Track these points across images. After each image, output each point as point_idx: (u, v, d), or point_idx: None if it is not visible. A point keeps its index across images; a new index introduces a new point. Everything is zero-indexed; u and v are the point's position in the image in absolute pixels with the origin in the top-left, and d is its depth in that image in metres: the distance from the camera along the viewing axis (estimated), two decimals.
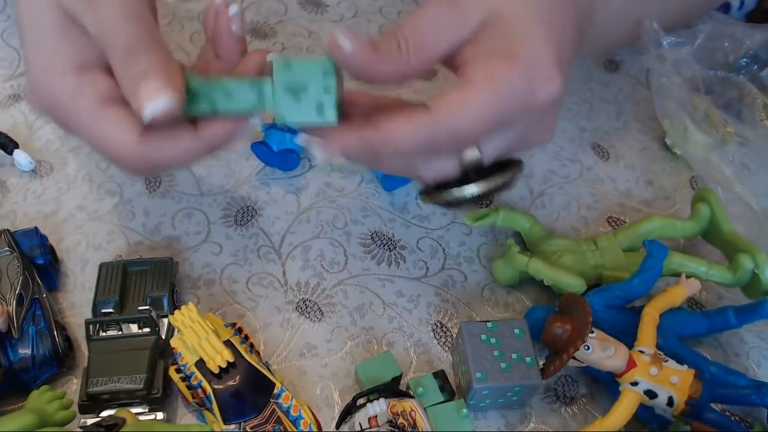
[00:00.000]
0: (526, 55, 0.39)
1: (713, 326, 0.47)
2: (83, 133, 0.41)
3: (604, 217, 0.57)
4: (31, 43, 0.42)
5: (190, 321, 0.43)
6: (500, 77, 0.38)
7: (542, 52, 0.40)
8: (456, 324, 0.50)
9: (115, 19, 0.39)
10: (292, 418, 0.42)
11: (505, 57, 0.39)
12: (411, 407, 0.42)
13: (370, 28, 0.70)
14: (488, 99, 0.38)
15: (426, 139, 0.38)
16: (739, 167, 0.51)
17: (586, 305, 0.43)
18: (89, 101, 0.40)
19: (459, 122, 0.38)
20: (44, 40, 0.41)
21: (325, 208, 0.56)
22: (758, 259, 0.47)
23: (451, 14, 0.40)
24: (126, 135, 0.39)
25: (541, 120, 0.42)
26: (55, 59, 0.40)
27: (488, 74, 0.38)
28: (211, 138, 0.40)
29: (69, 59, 0.40)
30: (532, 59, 0.39)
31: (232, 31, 0.42)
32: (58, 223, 0.53)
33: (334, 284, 0.51)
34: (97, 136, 0.40)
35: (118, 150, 0.40)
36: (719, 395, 0.44)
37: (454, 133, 0.38)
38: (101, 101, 0.40)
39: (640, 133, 0.63)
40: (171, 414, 0.45)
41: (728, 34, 0.56)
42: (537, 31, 0.40)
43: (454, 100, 0.38)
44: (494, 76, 0.38)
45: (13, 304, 0.44)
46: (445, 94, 0.38)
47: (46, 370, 0.44)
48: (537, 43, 0.40)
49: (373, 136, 0.39)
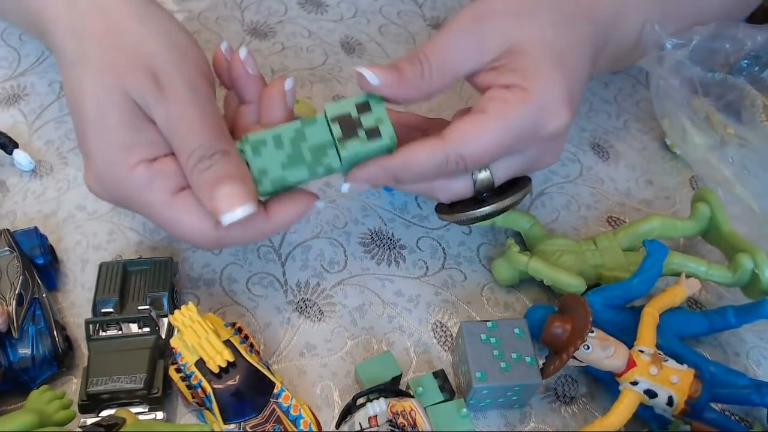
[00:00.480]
0: (538, 91, 0.42)
1: (713, 326, 0.47)
2: (158, 221, 0.42)
3: (604, 217, 0.57)
4: (97, 134, 0.41)
5: (190, 321, 0.43)
6: (511, 112, 0.41)
7: (553, 88, 0.43)
8: (456, 323, 0.50)
9: (188, 116, 0.40)
10: (292, 418, 0.42)
11: (518, 92, 0.42)
12: (411, 407, 0.42)
13: (369, 28, 0.70)
14: (497, 131, 0.41)
15: (438, 164, 0.42)
16: (739, 169, 0.51)
17: (586, 305, 0.43)
18: (162, 192, 0.41)
19: (468, 150, 0.41)
20: (113, 132, 0.41)
21: (325, 208, 0.56)
22: (758, 259, 0.47)
23: (475, 42, 0.43)
24: (203, 223, 0.41)
25: (548, 147, 0.46)
26: (125, 154, 0.41)
27: (500, 108, 0.42)
28: (282, 222, 0.42)
29: (140, 154, 0.41)
30: (543, 95, 0.42)
31: (249, 74, 0.44)
32: (58, 222, 0.53)
33: (334, 284, 0.51)
34: (173, 224, 0.42)
35: (195, 236, 0.42)
36: (719, 395, 0.44)
37: (464, 159, 0.42)
38: (174, 191, 0.41)
39: (640, 132, 0.64)
40: (171, 414, 0.45)
41: (729, 36, 0.56)
42: (551, 67, 0.43)
43: (465, 129, 0.42)
44: (505, 111, 0.41)
45: (12, 303, 0.44)
46: (459, 123, 0.42)
47: (46, 369, 0.44)
48: (549, 80, 0.43)
49: (392, 163, 0.42)
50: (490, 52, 0.43)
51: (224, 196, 0.38)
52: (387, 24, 0.70)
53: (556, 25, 0.45)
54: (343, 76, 0.65)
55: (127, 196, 0.42)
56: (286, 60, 0.66)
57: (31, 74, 0.62)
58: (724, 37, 0.56)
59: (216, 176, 0.39)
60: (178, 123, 0.40)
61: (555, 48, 0.44)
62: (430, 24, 0.71)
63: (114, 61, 0.41)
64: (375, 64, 0.42)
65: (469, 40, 0.43)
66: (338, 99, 0.42)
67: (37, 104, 0.60)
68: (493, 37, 0.43)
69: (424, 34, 0.70)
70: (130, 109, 0.41)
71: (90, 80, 0.41)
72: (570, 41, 0.45)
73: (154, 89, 0.40)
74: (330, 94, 0.63)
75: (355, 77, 0.41)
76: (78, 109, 0.42)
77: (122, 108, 0.41)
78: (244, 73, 0.44)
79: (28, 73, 0.62)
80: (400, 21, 0.71)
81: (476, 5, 0.45)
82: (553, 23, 0.45)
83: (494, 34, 0.43)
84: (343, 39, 0.69)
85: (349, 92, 0.64)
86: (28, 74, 0.62)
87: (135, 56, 0.41)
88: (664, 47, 0.53)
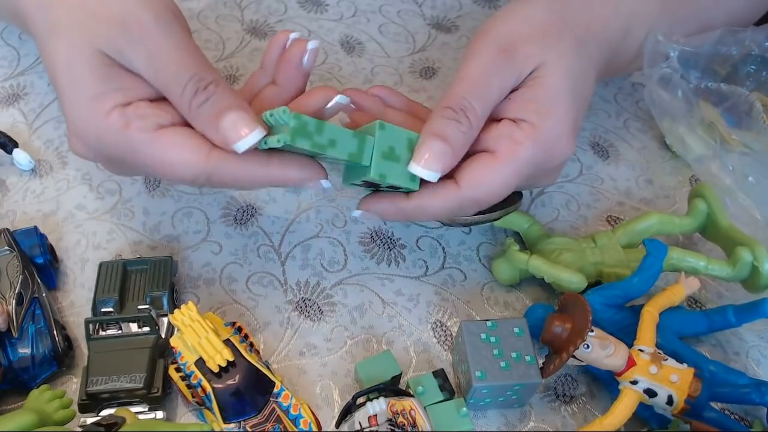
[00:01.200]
0: (548, 129, 0.43)
1: (713, 325, 0.47)
2: (143, 163, 0.40)
3: (604, 216, 0.57)
4: (69, 92, 0.41)
5: (189, 320, 0.43)
6: (522, 153, 0.42)
7: (564, 122, 0.44)
8: (456, 323, 0.50)
9: (169, 52, 0.40)
10: (292, 417, 0.42)
11: (528, 129, 0.42)
12: (411, 406, 0.42)
13: (369, 27, 0.70)
14: (510, 173, 0.42)
15: (453, 209, 0.43)
16: (741, 177, 0.51)
17: (586, 304, 0.43)
18: (141, 132, 0.39)
19: (483, 195, 0.43)
20: (82, 85, 0.40)
21: (324, 207, 0.56)
22: (757, 252, 0.47)
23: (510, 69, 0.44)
24: (191, 155, 0.39)
25: (550, 174, 0.47)
26: (97, 102, 0.40)
27: (511, 150, 0.42)
28: (279, 176, 0.41)
29: (113, 100, 0.40)
30: (552, 132, 0.43)
31: (301, 64, 0.43)
32: (58, 222, 0.53)
33: (334, 283, 0.51)
34: (158, 163, 0.40)
35: (185, 171, 0.40)
36: (719, 394, 0.44)
37: (478, 203, 0.43)
38: (153, 129, 0.40)
39: (640, 132, 0.64)
40: (171, 413, 0.45)
41: (736, 41, 0.56)
42: (565, 100, 0.44)
43: (479, 176, 0.42)
44: (517, 152, 0.42)
45: (12, 303, 0.44)
46: (472, 168, 0.42)
47: (46, 369, 0.44)
48: (562, 114, 0.44)
49: (407, 206, 0.43)
50: (522, 76, 0.44)
51: (231, 125, 0.38)
52: (387, 23, 0.70)
53: (573, 50, 0.46)
54: (343, 75, 0.65)
55: (108, 146, 0.41)
56: None
57: (31, 73, 0.62)
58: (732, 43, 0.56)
59: (217, 107, 0.38)
60: (159, 60, 0.39)
61: (572, 75, 0.45)
62: (429, 23, 0.71)
63: (79, 20, 0.41)
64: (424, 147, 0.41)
65: (507, 75, 0.44)
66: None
67: (37, 104, 0.60)
68: (526, 64, 0.44)
69: (423, 33, 0.70)
70: (98, 61, 0.40)
71: (59, 44, 0.41)
72: (582, 65, 0.46)
73: (124, 34, 0.40)
74: None
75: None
76: (53, 76, 0.42)
77: (90, 61, 0.40)
78: (296, 62, 0.42)
79: (28, 72, 0.62)
80: (399, 20, 0.71)
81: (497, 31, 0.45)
82: (571, 47, 0.46)
83: (526, 61, 0.44)
84: (343, 38, 0.68)
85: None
86: (28, 73, 0.62)
87: (99, 9, 0.41)
88: (668, 56, 0.53)
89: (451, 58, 0.68)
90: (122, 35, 0.40)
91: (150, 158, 0.40)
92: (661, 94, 0.53)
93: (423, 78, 0.66)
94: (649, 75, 0.54)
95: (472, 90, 0.43)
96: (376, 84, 0.64)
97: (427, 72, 0.66)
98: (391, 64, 0.67)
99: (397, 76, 0.66)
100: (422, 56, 0.68)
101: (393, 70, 0.66)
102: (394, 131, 0.41)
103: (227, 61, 0.65)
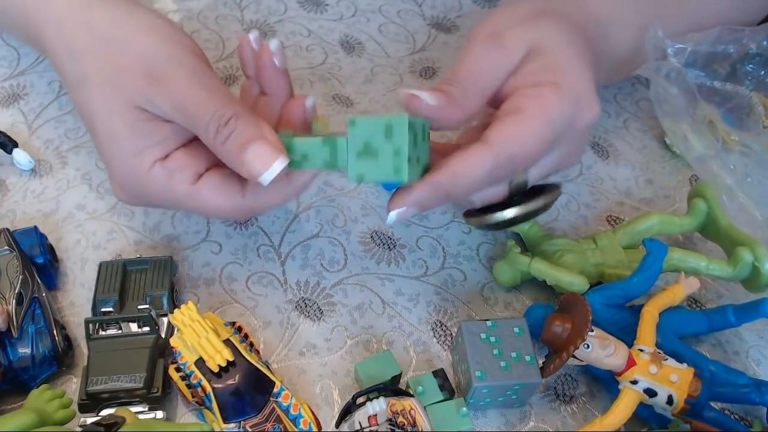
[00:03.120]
0: (570, 84, 0.42)
1: (712, 325, 0.47)
2: (188, 208, 0.44)
3: (604, 216, 0.57)
4: (109, 148, 0.43)
5: (189, 320, 0.43)
6: (550, 106, 0.41)
7: (583, 80, 0.43)
8: (455, 323, 0.50)
9: (193, 92, 0.41)
10: (292, 417, 0.42)
11: (552, 87, 0.42)
12: (411, 406, 0.42)
13: (369, 27, 0.70)
14: (542, 126, 0.41)
15: (490, 170, 0.41)
16: (741, 176, 0.51)
17: (586, 304, 0.43)
18: (183, 185, 0.43)
19: (518, 150, 0.41)
20: (122, 143, 0.43)
21: (324, 207, 0.56)
22: (758, 252, 0.47)
23: (498, 53, 0.44)
24: (230, 199, 0.43)
25: (578, 143, 0.46)
26: (138, 159, 0.43)
27: (539, 103, 0.41)
28: (302, 183, 0.43)
29: (152, 156, 0.43)
30: (576, 88, 0.42)
31: (276, 66, 0.44)
32: (58, 222, 0.53)
33: (334, 283, 0.51)
34: (203, 210, 0.44)
35: (227, 213, 0.44)
36: (719, 394, 0.44)
37: (514, 160, 0.41)
38: (193, 181, 0.43)
39: (640, 131, 0.64)
40: (171, 413, 0.45)
41: (735, 40, 0.56)
42: (575, 60, 0.44)
43: (511, 130, 0.41)
44: (545, 105, 0.41)
45: (12, 303, 0.44)
46: (501, 125, 0.41)
47: (46, 369, 0.44)
48: (577, 72, 0.43)
49: (441, 178, 0.41)
50: (515, 58, 0.43)
51: (255, 158, 0.39)
52: (386, 23, 0.70)
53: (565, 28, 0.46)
54: (343, 75, 0.65)
55: (152, 197, 0.44)
56: None
57: (31, 73, 0.62)
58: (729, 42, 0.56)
59: (239, 142, 0.39)
60: (183, 104, 0.41)
61: (572, 42, 0.44)
62: (429, 23, 0.71)
63: (108, 73, 0.43)
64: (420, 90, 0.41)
65: (494, 53, 0.43)
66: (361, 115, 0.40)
67: (37, 103, 0.60)
68: (515, 43, 0.44)
69: (423, 33, 0.70)
70: (133, 117, 0.42)
71: (93, 98, 0.43)
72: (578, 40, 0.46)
73: (151, 85, 0.41)
74: (330, 93, 0.63)
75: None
76: (90, 126, 0.45)
77: (125, 118, 0.42)
78: (271, 65, 0.44)
79: (28, 72, 0.62)
80: (399, 20, 0.71)
81: (488, 22, 0.45)
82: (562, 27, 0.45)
83: (515, 40, 0.44)
84: (343, 38, 0.69)
85: (349, 91, 0.64)
86: (28, 73, 0.62)
87: (125, 61, 0.43)
88: (666, 53, 0.53)
89: (451, 58, 0.68)
90: (149, 85, 0.42)
91: (194, 208, 0.44)
92: (667, 88, 0.53)
93: (423, 78, 0.66)
94: (656, 70, 0.53)
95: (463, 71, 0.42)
96: (376, 84, 0.64)
97: (427, 72, 0.66)
98: (391, 64, 0.67)
99: (397, 76, 0.66)
100: (422, 56, 0.68)
101: (393, 70, 0.66)
102: (366, 123, 0.38)
103: (227, 61, 0.65)
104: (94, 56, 0.44)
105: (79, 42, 0.45)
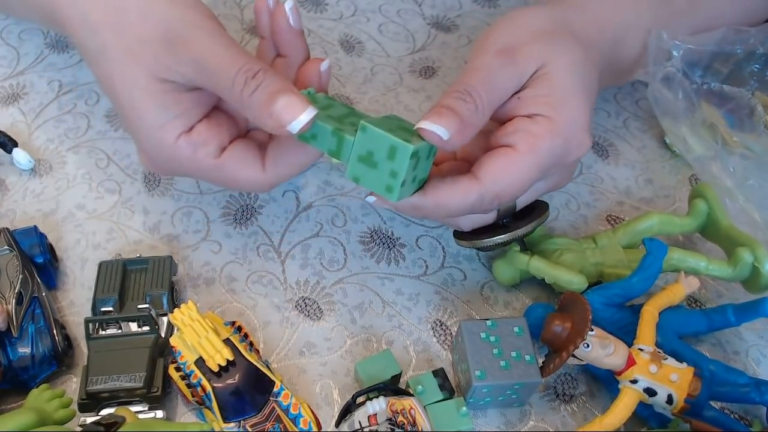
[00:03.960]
0: (564, 121, 0.43)
1: (712, 324, 0.47)
2: (212, 180, 0.46)
3: (604, 216, 0.57)
4: (134, 121, 0.44)
5: (189, 319, 0.43)
6: (542, 145, 0.42)
7: (578, 116, 0.44)
8: (455, 322, 0.50)
9: (216, 50, 0.41)
10: (292, 417, 0.42)
11: (544, 122, 0.43)
12: (410, 405, 0.42)
13: (369, 27, 0.70)
14: (530, 165, 0.42)
15: (474, 204, 0.42)
16: (741, 179, 0.51)
17: (586, 303, 0.43)
18: (208, 158, 0.44)
19: (504, 188, 0.42)
20: (147, 117, 0.43)
21: (324, 207, 0.56)
22: (758, 252, 0.47)
23: (511, 70, 0.44)
24: (253, 170, 0.44)
25: (566, 173, 0.47)
26: (163, 132, 0.43)
27: (530, 142, 0.42)
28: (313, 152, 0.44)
29: (177, 129, 0.43)
30: (569, 126, 0.43)
31: (291, 27, 0.45)
32: (58, 221, 0.53)
33: (334, 282, 0.51)
34: (227, 180, 0.45)
35: (250, 184, 0.45)
36: (718, 393, 0.44)
37: (499, 197, 0.42)
38: (218, 151, 0.44)
39: (640, 131, 0.64)
40: (170, 412, 0.45)
41: (740, 40, 0.56)
42: (575, 92, 0.44)
43: (499, 168, 0.42)
44: (536, 144, 0.42)
45: (12, 302, 0.44)
46: (491, 161, 0.42)
47: (46, 368, 0.44)
48: (575, 107, 0.44)
49: (424, 204, 0.42)
50: (526, 75, 0.44)
51: (284, 108, 0.39)
52: (386, 23, 0.70)
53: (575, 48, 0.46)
54: (343, 74, 0.65)
55: (179, 169, 0.45)
56: None
57: (31, 73, 0.62)
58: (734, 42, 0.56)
59: (268, 93, 0.40)
60: (206, 62, 0.41)
61: (578, 70, 0.45)
62: (429, 23, 0.71)
63: (127, 45, 0.43)
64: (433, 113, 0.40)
65: (507, 69, 0.43)
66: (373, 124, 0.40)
67: (37, 103, 0.60)
68: (528, 62, 0.44)
69: (423, 32, 0.70)
70: (155, 89, 0.43)
71: (114, 72, 0.44)
72: (586, 62, 0.46)
73: (171, 50, 0.42)
74: (329, 93, 0.63)
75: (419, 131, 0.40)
76: (113, 100, 0.45)
77: (147, 91, 0.43)
78: (286, 26, 0.45)
79: (28, 72, 0.62)
80: (399, 19, 0.71)
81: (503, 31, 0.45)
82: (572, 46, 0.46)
83: (528, 58, 0.44)
84: (343, 38, 0.68)
85: (348, 91, 0.64)
86: (28, 73, 0.62)
87: (143, 31, 0.43)
88: (671, 54, 0.53)
89: (450, 58, 0.68)
90: (168, 51, 0.42)
91: (219, 180, 0.45)
92: (664, 93, 0.53)
93: (423, 77, 0.66)
94: (653, 73, 0.54)
95: (476, 79, 0.42)
96: (375, 83, 0.64)
97: (426, 71, 0.66)
98: (391, 64, 0.67)
99: (397, 76, 0.66)
100: (422, 56, 0.68)
101: (393, 69, 0.66)
102: (376, 135, 0.39)
103: None
104: (112, 28, 0.44)
105: (96, 15, 0.45)
